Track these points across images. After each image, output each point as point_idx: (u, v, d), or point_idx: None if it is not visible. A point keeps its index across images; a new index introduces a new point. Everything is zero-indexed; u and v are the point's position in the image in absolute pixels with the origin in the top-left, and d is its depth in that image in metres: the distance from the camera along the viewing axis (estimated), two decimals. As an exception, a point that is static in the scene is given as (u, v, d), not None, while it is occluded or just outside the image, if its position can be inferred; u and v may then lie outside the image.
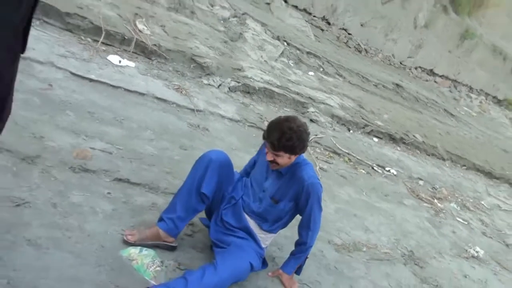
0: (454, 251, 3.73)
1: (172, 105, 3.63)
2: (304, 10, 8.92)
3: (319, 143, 4.43)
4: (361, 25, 9.62)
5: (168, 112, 3.50)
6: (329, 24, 9.32)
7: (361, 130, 5.44)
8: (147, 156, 2.76)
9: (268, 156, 2.01)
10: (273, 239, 2.35)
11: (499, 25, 11.36)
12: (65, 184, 2.19)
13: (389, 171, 4.73)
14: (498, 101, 12.37)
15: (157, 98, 3.58)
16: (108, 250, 1.95)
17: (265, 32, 6.27)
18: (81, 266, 1.81)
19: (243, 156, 3.30)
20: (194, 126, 3.50)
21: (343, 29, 9.48)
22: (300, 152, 2.05)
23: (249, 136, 3.87)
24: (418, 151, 5.89)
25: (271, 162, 2.02)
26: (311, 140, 4.32)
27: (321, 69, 6.65)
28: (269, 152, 2.00)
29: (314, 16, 9.10)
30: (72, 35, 3.74)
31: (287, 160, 2.03)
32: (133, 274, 1.90)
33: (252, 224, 2.19)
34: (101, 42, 3.84)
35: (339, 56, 7.64)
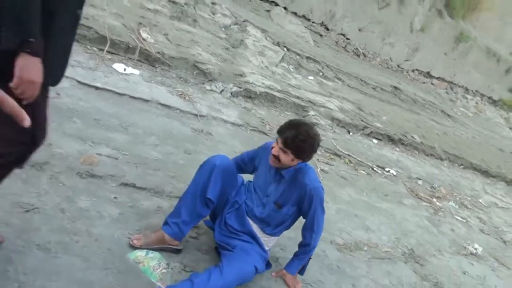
0: (453, 249, 3.74)
1: (176, 111, 3.65)
2: (303, 17, 8.99)
3: (320, 146, 4.46)
4: (359, 30, 9.70)
5: (172, 118, 3.52)
6: (328, 30, 9.39)
7: (361, 132, 5.48)
8: (152, 161, 2.78)
9: (274, 150, 2.03)
10: (276, 240, 2.37)
11: (492, 28, 11.43)
12: (73, 190, 2.20)
13: (389, 172, 4.76)
14: (493, 102, 12.41)
15: (161, 104, 3.61)
16: (115, 253, 1.96)
17: (266, 39, 6.32)
18: (89, 269, 1.84)
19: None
20: (198, 131, 3.53)
21: (342, 34, 9.55)
22: (305, 159, 2.08)
23: (251, 140, 3.89)
24: (417, 152, 5.91)
25: (274, 157, 2.04)
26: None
27: (321, 74, 6.69)
28: (277, 147, 2.02)
29: (313, 22, 9.17)
30: (79, 45, 3.77)
31: (289, 162, 2.05)
32: (140, 277, 1.91)
33: (255, 228, 2.21)
34: (107, 51, 3.88)
35: (338, 61, 7.67)
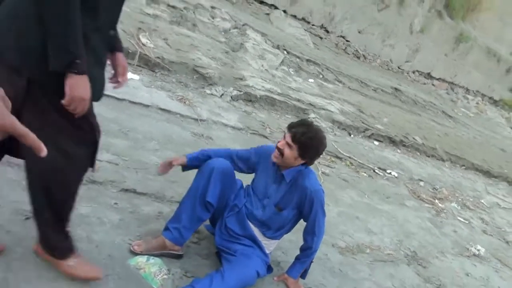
0: (456, 250, 3.73)
1: (176, 116, 3.65)
2: (303, 19, 9.01)
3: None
4: (359, 32, 9.71)
5: (172, 123, 3.52)
6: (328, 32, 9.41)
7: (362, 134, 5.48)
8: (153, 166, 2.77)
9: (280, 144, 2.04)
10: (278, 244, 2.36)
11: (492, 28, 11.45)
12: (73, 196, 2.23)
13: (390, 174, 4.75)
14: (494, 102, 12.40)
15: (161, 109, 3.61)
16: (116, 260, 1.95)
17: (265, 42, 6.34)
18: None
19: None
20: (198, 135, 3.53)
21: (341, 37, 9.57)
22: (308, 160, 2.09)
23: (252, 143, 3.81)
24: (418, 153, 5.91)
25: (278, 151, 2.04)
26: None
27: (321, 76, 6.71)
28: (283, 141, 2.04)
29: (313, 25, 9.19)
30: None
31: (292, 160, 2.05)
32: (141, 283, 1.90)
33: (256, 232, 2.20)
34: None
35: (338, 63, 7.68)
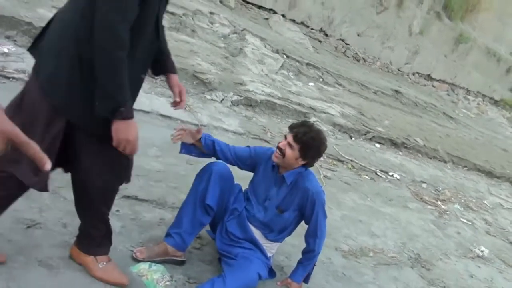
0: (460, 252, 3.72)
1: (177, 122, 3.65)
2: (302, 23, 9.05)
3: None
4: (358, 35, 9.75)
5: (173, 129, 3.55)
6: (327, 36, 9.44)
7: (363, 137, 5.48)
8: (154, 173, 2.78)
9: (281, 144, 2.05)
10: (281, 249, 2.36)
11: (491, 28, 11.49)
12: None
13: (392, 176, 4.75)
14: (495, 102, 12.41)
15: (162, 115, 3.62)
16: (119, 267, 1.93)
17: (265, 46, 6.35)
18: (93, 284, 1.82)
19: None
20: (199, 141, 3.55)
21: (341, 40, 9.60)
22: (309, 161, 2.09)
23: None
24: (420, 155, 5.90)
25: (279, 151, 2.05)
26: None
27: (321, 79, 6.72)
28: (284, 142, 2.05)
29: (312, 29, 9.23)
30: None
31: (293, 161, 2.05)
32: None
33: (258, 234, 2.20)
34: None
35: (338, 66, 7.70)
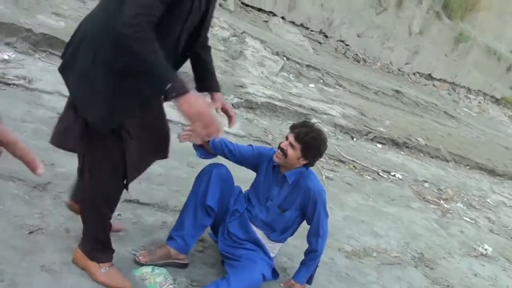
0: (463, 250, 3.71)
1: (178, 125, 3.64)
2: (301, 25, 9.07)
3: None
4: (358, 36, 9.76)
5: (174, 132, 3.52)
6: (327, 37, 9.46)
7: (364, 137, 5.47)
8: (155, 176, 2.78)
9: (283, 144, 2.05)
10: (283, 250, 2.35)
11: (491, 27, 11.49)
12: (77, 209, 2.21)
13: (395, 176, 4.74)
14: (496, 100, 12.40)
15: (162, 119, 3.64)
16: (121, 271, 1.94)
17: (265, 49, 6.37)
18: None
19: (248, 170, 3.33)
20: (201, 144, 3.55)
21: (341, 41, 9.62)
22: (310, 158, 2.10)
23: None
24: (422, 154, 5.89)
25: (280, 151, 2.06)
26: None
27: (321, 81, 6.72)
28: (286, 142, 2.06)
29: (312, 31, 9.25)
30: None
31: (295, 161, 2.06)
32: None
33: (260, 234, 2.19)
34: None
35: (338, 67, 7.71)
